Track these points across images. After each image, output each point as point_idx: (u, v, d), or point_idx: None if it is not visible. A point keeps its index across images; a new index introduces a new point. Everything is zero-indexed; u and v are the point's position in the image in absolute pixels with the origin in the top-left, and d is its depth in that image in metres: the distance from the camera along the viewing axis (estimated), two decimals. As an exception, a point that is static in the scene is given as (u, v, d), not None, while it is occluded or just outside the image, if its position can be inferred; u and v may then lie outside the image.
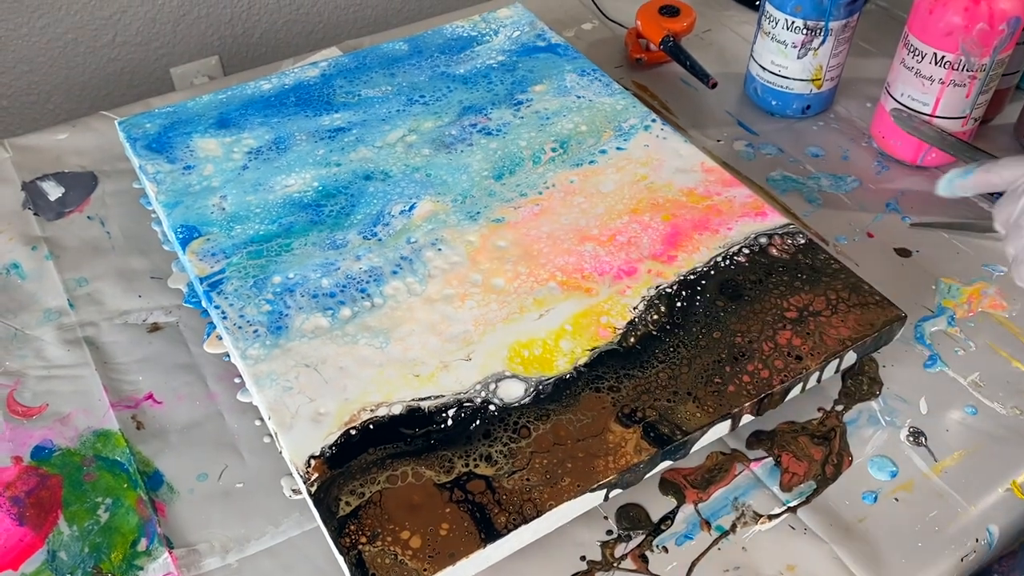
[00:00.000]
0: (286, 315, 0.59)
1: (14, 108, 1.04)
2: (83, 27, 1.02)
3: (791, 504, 0.57)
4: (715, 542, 0.55)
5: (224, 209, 0.66)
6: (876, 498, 0.57)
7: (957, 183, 0.63)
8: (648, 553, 0.54)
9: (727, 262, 0.63)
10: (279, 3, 1.13)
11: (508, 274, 0.62)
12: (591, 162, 0.71)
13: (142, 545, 0.54)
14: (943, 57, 0.72)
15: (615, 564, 0.54)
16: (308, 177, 0.69)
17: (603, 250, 0.64)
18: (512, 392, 0.55)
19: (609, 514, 0.56)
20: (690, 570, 0.54)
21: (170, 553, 0.54)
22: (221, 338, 0.61)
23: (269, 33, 1.15)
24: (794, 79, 0.82)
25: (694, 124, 0.84)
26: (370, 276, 0.62)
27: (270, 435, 0.59)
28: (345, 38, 1.19)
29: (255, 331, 0.58)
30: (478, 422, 0.54)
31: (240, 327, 0.59)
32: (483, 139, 0.73)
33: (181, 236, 0.64)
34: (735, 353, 0.58)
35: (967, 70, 0.72)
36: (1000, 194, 0.60)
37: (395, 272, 0.62)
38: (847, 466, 0.59)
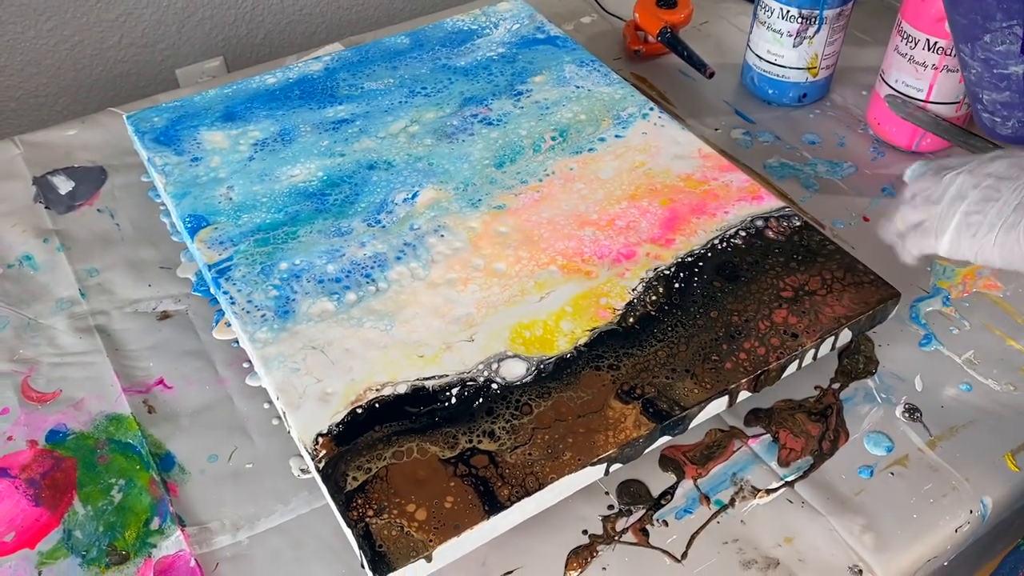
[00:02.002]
0: (293, 300, 0.61)
1: (23, 110, 1.06)
2: (89, 29, 1.04)
3: (789, 479, 0.58)
4: (714, 516, 0.56)
5: (231, 199, 0.68)
6: (872, 472, 0.58)
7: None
8: (649, 527, 0.55)
9: (724, 244, 0.64)
10: (282, 4, 1.15)
11: (509, 258, 0.64)
12: (590, 150, 0.72)
13: (155, 524, 0.55)
14: (936, 43, 0.74)
15: (616, 538, 0.55)
16: (313, 167, 0.70)
17: (602, 234, 0.65)
18: (514, 371, 0.57)
19: (610, 489, 0.57)
20: (690, 543, 0.55)
21: (182, 531, 0.55)
22: (230, 325, 0.63)
23: (273, 33, 1.17)
24: (790, 68, 0.83)
25: (692, 113, 0.85)
26: (374, 262, 0.63)
27: (278, 418, 0.61)
28: (347, 37, 1.21)
29: (263, 315, 0.60)
30: (481, 400, 0.55)
31: (248, 312, 0.60)
32: (484, 129, 0.74)
33: (189, 225, 0.66)
34: (732, 332, 0.59)
35: (959, 55, 0.73)
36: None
37: (399, 258, 0.64)
38: (843, 442, 0.60)
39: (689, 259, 0.63)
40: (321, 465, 0.52)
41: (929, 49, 0.74)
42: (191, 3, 1.08)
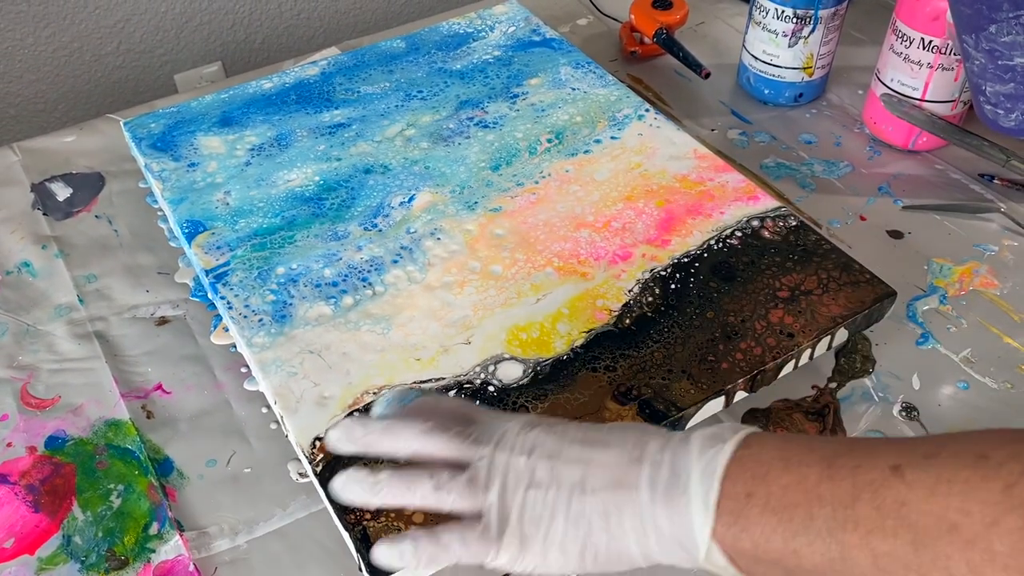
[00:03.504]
0: (290, 304, 0.61)
1: (22, 116, 1.06)
2: (88, 36, 1.04)
3: (786, 478, 0.58)
4: (712, 516, 0.56)
5: (228, 204, 0.68)
6: (870, 471, 0.58)
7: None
8: (647, 528, 0.55)
9: (720, 245, 0.65)
10: (280, 9, 1.15)
11: (506, 261, 0.64)
12: (586, 151, 0.72)
13: (154, 529, 0.55)
14: (931, 42, 0.74)
15: (614, 539, 0.55)
16: (309, 172, 0.71)
17: (598, 236, 0.65)
18: (511, 373, 0.57)
19: (608, 491, 0.57)
20: (688, 543, 0.55)
21: (181, 536, 0.55)
22: (228, 329, 0.63)
23: (270, 38, 1.17)
24: (786, 68, 0.83)
25: (689, 114, 0.85)
26: (371, 265, 0.64)
27: (276, 422, 0.61)
28: (344, 41, 1.21)
29: (260, 320, 0.60)
30: (478, 402, 0.55)
31: (246, 316, 0.60)
32: (480, 132, 0.74)
33: (187, 231, 0.66)
34: (728, 332, 0.59)
35: (955, 54, 0.74)
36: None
37: (395, 261, 0.64)
38: (841, 441, 0.60)
39: (685, 260, 0.64)
40: (319, 469, 0.52)
41: (924, 48, 0.74)
42: (189, 8, 1.09)
